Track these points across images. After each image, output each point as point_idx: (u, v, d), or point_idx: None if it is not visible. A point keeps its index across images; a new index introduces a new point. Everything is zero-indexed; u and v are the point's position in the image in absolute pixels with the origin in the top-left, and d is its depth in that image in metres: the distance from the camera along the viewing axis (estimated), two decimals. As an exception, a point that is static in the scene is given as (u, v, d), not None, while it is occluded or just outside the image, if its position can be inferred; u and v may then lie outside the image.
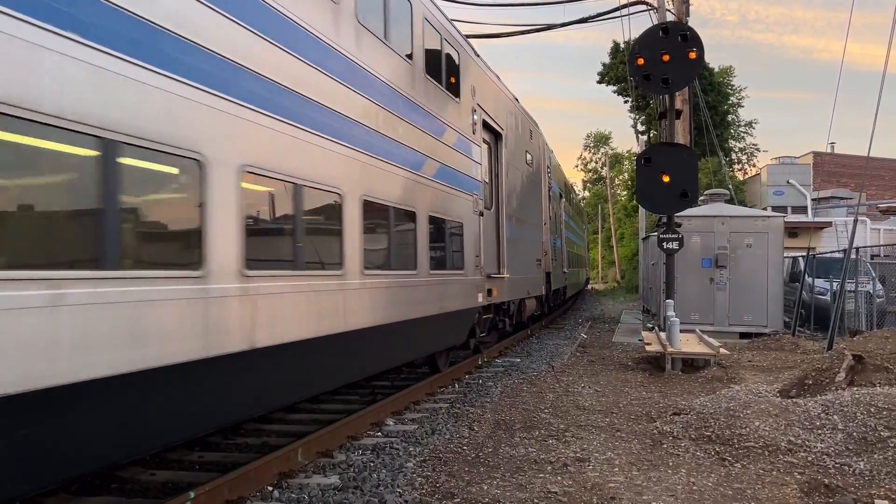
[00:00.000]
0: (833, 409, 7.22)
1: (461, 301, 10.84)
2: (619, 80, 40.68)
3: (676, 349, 11.91)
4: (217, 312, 5.12)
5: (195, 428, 5.49)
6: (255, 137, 5.62)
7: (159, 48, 4.63)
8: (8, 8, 3.59)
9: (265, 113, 5.76)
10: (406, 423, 8.34)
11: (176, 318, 4.70)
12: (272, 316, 5.79)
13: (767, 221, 17.06)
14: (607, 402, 9.11)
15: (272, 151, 5.85)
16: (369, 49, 7.81)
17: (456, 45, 11.12)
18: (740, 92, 43.84)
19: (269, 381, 6.04)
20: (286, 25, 6.16)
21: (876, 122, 15.90)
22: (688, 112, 19.55)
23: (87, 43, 4.06)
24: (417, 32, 9.37)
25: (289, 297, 6.08)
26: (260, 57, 5.73)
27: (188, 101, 4.88)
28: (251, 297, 5.52)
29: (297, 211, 6.29)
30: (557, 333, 19.25)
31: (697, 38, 13.35)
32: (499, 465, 6.32)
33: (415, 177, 9.01)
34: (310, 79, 6.51)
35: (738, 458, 6.33)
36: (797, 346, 14.15)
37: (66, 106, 3.91)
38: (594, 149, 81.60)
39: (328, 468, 6.46)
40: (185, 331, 4.78)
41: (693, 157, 13.94)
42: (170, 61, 4.71)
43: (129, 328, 4.30)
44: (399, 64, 8.72)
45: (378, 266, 7.94)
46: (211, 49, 5.14)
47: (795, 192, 34.52)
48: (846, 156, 43.88)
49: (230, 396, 5.59)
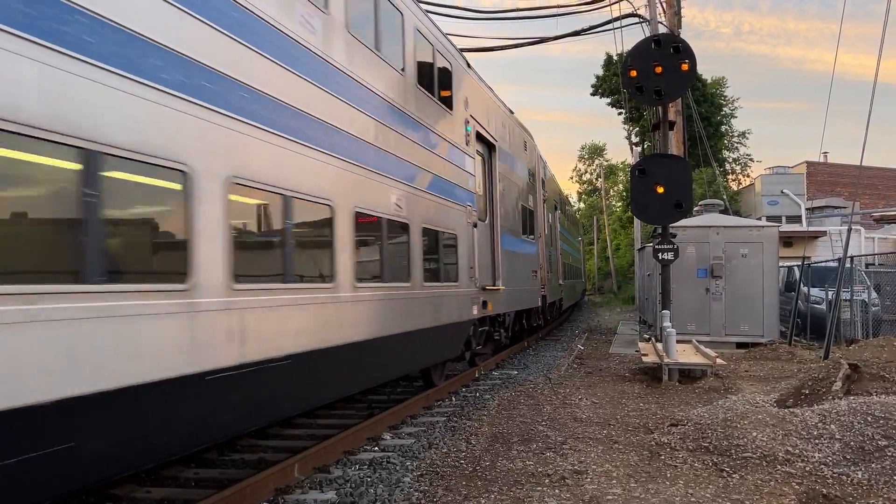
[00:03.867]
0: (830, 418, 7.21)
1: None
2: (613, 92, 40.90)
3: (673, 360, 11.90)
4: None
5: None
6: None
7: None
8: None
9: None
10: (403, 437, 8.30)
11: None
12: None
13: (762, 231, 17.11)
14: (605, 413, 9.09)
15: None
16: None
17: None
18: (733, 102, 44.12)
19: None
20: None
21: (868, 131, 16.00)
22: (681, 123, 19.65)
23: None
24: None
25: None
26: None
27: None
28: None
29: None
30: (554, 345, 19.22)
31: (689, 49, 13.46)
32: (496, 479, 6.29)
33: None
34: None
35: (736, 469, 6.31)
36: (793, 355, 14.15)
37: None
38: (589, 160, 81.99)
39: (325, 484, 6.41)
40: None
41: (687, 168, 14.01)
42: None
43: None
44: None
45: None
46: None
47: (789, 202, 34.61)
48: (839, 165, 44.05)
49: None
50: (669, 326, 12.52)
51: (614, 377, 12.49)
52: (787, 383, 10.42)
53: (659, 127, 15.51)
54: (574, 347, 18.05)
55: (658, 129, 15.77)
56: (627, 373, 12.91)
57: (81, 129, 4.10)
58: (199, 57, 5.16)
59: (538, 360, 15.66)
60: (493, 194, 13.47)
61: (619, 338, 20.85)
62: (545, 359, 15.79)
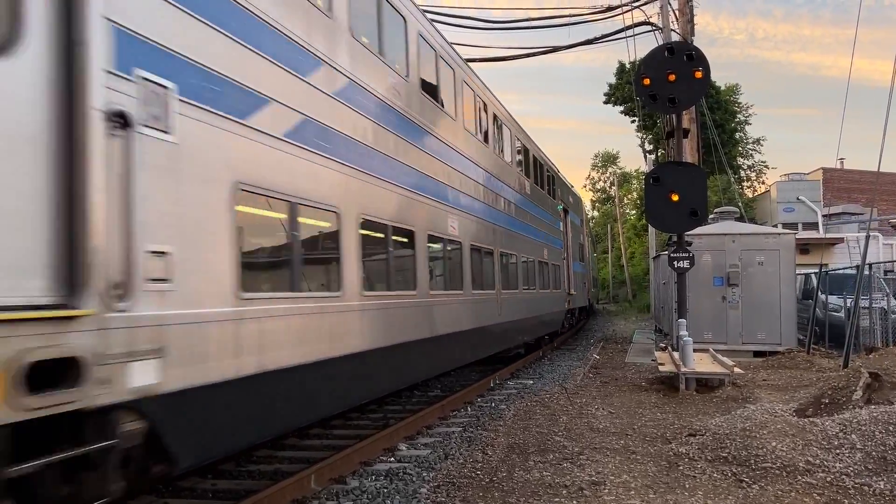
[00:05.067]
0: (851, 427, 7.13)
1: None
2: (626, 100, 40.82)
3: (690, 369, 11.80)
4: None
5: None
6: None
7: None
8: None
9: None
10: (419, 447, 8.29)
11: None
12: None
13: (779, 238, 16.97)
14: (621, 423, 9.03)
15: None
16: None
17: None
18: (747, 109, 43.92)
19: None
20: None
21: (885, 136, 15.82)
22: (695, 130, 19.57)
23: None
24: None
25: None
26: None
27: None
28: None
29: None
30: (569, 354, 19.14)
31: (703, 57, 13.38)
32: (513, 490, 6.26)
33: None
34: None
35: (756, 480, 6.24)
36: (812, 363, 14.01)
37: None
38: (602, 168, 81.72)
39: (341, 495, 6.41)
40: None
41: (702, 176, 13.90)
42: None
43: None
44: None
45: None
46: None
47: (806, 209, 34.36)
48: (856, 171, 43.74)
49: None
50: (686, 335, 12.42)
51: (630, 386, 12.41)
52: (805, 392, 10.31)
53: (673, 135, 15.44)
54: (589, 357, 17.96)
55: (672, 136, 15.70)
56: (644, 382, 12.82)
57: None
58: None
59: (553, 369, 15.59)
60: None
61: (635, 347, 20.73)
62: (560, 368, 15.72)
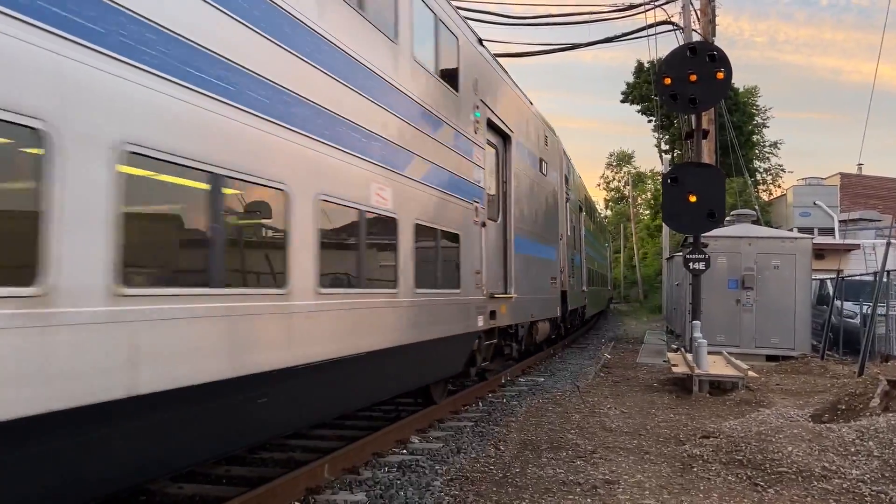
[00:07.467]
0: (868, 435, 7.07)
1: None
2: (644, 100, 40.66)
3: (704, 371, 11.75)
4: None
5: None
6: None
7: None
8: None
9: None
10: (431, 440, 8.29)
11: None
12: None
13: (795, 243, 16.85)
14: (634, 423, 8.99)
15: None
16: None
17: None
18: (765, 112, 43.62)
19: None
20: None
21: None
22: (713, 132, 19.44)
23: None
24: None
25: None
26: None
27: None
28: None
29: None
30: (580, 353, 19.09)
31: (725, 58, 13.28)
32: (527, 486, 6.25)
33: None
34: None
35: (771, 484, 6.21)
36: (826, 369, 13.90)
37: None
38: (617, 167, 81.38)
39: (354, 485, 6.42)
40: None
41: (721, 177, 13.80)
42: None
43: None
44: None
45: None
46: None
47: (822, 214, 34.12)
48: (874, 177, 43.34)
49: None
50: (700, 337, 12.36)
51: (643, 387, 12.37)
52: (820, 398, 10.24)
53: (692, 135, 15.32)
54: (601, 356, 17.92)
55: (691, 137, 15.58)
56: (656, 383, 12.78)
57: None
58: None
59: (564, 367, 15.56)
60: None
61: (647, 347, 20.66)
62: (571, 367, 15.68)
